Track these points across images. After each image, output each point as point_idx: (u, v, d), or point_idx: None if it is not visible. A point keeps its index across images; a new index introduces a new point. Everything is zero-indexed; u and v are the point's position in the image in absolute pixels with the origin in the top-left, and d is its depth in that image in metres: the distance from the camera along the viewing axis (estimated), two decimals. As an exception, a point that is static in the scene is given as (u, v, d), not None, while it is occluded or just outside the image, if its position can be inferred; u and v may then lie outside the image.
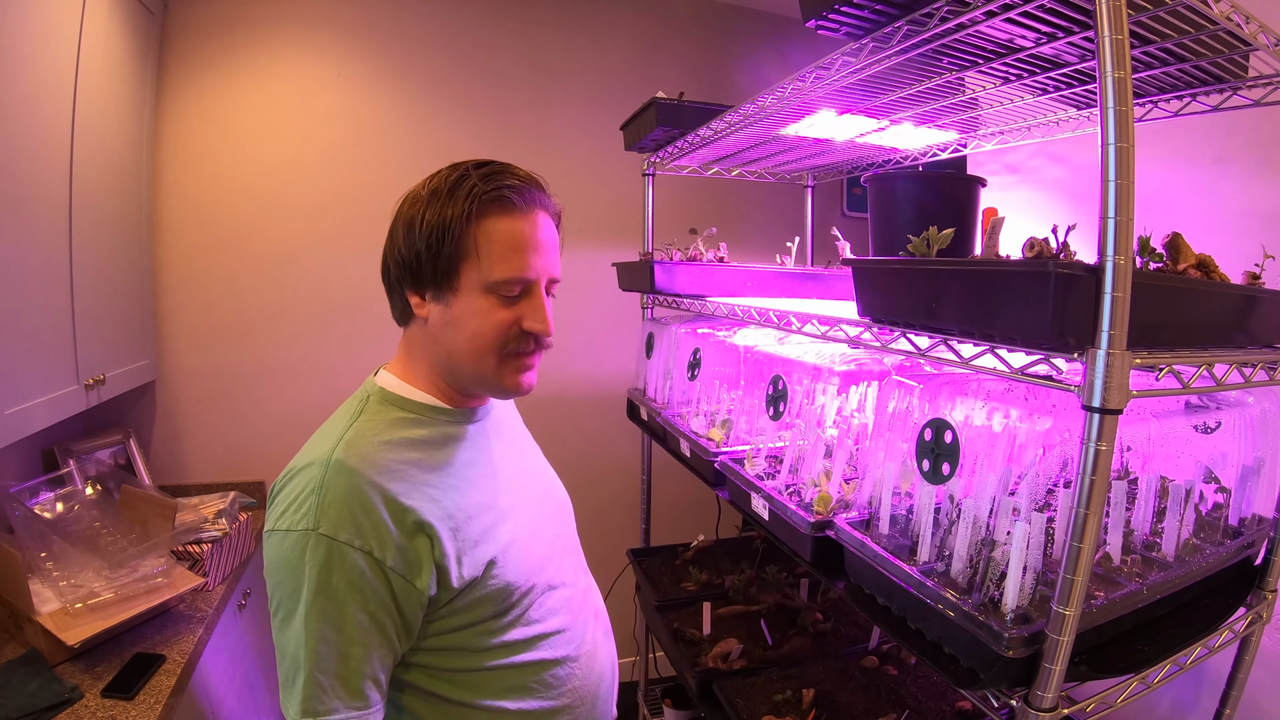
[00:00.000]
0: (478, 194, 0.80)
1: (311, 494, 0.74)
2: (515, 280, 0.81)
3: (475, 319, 0.82)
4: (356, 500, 0.74)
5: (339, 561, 0.72)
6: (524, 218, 0.83)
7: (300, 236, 2.26)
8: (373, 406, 0.86)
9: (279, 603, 0.75)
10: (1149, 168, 1.13)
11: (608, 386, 2.64)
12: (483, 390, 0.90)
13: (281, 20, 2.19)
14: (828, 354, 1.24)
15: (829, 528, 0.98)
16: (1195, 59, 0.94)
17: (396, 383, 0.88)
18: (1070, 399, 0.68)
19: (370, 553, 0.73)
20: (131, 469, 2.05)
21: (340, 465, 0.75)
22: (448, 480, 0.83)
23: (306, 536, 0.72)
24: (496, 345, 0.83)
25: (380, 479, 0.76)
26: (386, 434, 0.82)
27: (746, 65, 2.71)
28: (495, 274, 0.80)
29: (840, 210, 2.93)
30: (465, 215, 0.79)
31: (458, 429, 0.89)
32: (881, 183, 1.26)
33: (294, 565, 0.72)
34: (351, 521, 0.73)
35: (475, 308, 0.81)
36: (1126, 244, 0.60)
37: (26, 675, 1.25)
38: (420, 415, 0.87)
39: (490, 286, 0.81)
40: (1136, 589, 0.80)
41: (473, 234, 0.80)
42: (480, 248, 0.80)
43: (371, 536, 0.74)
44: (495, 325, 0.82)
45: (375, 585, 0.74)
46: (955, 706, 1.38)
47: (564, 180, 2.50)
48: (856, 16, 0.91)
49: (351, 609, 0.72)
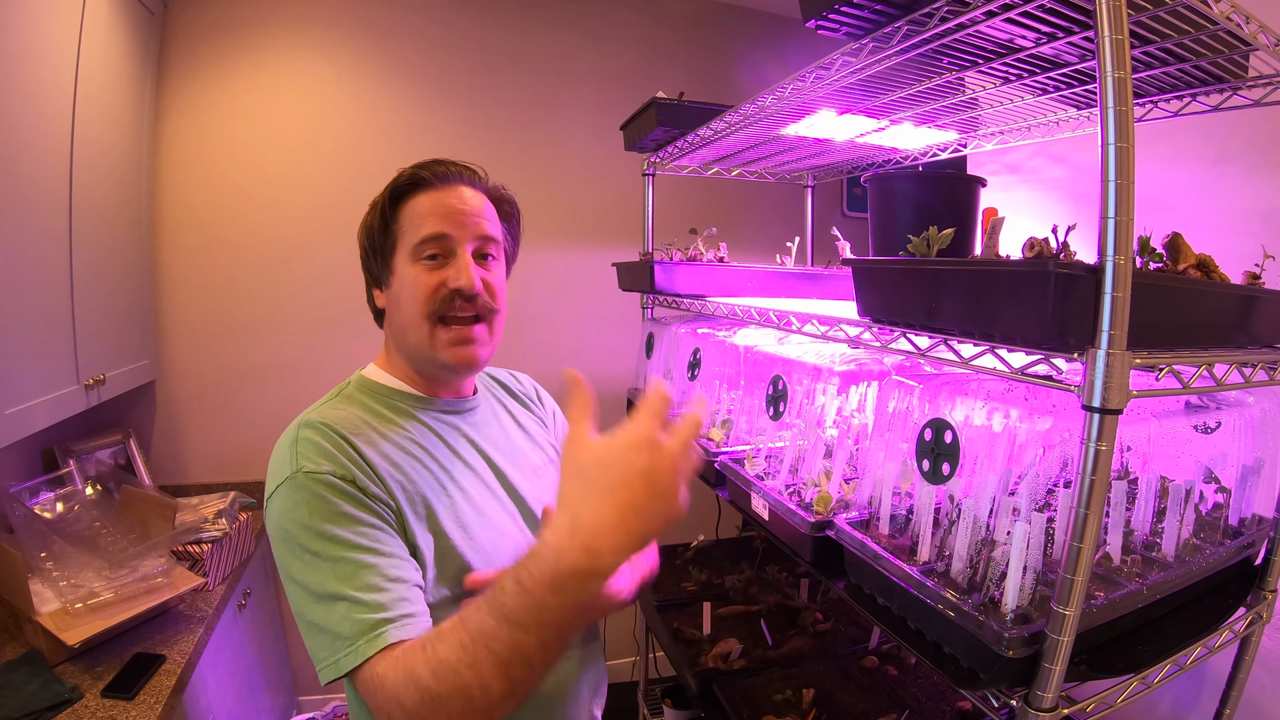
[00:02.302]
0: (397, 182, 0.89)
1: (288, 448, 0.79)
2: (429, 238, 0.86)
3: (406, 288, 0.87)
4: (329, 441, 0.79)
5: (325, 487, 0.75)
6: (439, 190, 0.89)
7: (300, 236, 2.26)
8: (349, 390, 0.92)
9: (286, 558, 0.74)
10: (1149, 168, 1.13)
11: (608, 386, 2.63)
12: (430, 368, 0.92)
13: (282, 21, 2.19)
14: (828, 354, 1.24)
15: (829, 528, 0.98)
16: (1195, 59, 0.94)
17: (377, 372, 0.94)
18: (1070, 399, 0.68)
19: (347, 478, 0.76)
20: (131, 469, 2.05)
21: (308, 422, 0.81)
22: (411, 457, 0.85)
23: (292, 480, 0.75)
24: (425, 310, 0.86)
25: (343, 429, 0.81)
26: (356, 408, 0.87)
27: (746, 65, 2.71)
28: (413, 238, 0.87)
29: (840, 210, 2.93)
30: (388, 202, 0.88)
31: (427, 413, 0.92)
32: (881, 183, 1.26)
33: (291, 509, 0.74)
34: (322, 454, 0.77)
35: (405, 278, 0.87)
36: (1126, 244, 0.60)
37: (26, 675, 1.25)
38: (392, 399, 0.91)
39: (412, 254, 0.87)
40: (1136, 589, 0.80)
41: (396, 217, 0.88)
42: (403, 227, 0.88)
43: (343, 464, 0.77)
44: (421, 288, 0.86)
45: (360, 503, 0.76)
46: (955, 706, 1.38)
47: (564, 180, 2.54)
48: (856, 16, 0.91)
49: (345, 526, 0.73)
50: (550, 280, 2.55)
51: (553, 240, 2.55)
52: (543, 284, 2.52)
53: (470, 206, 0.89)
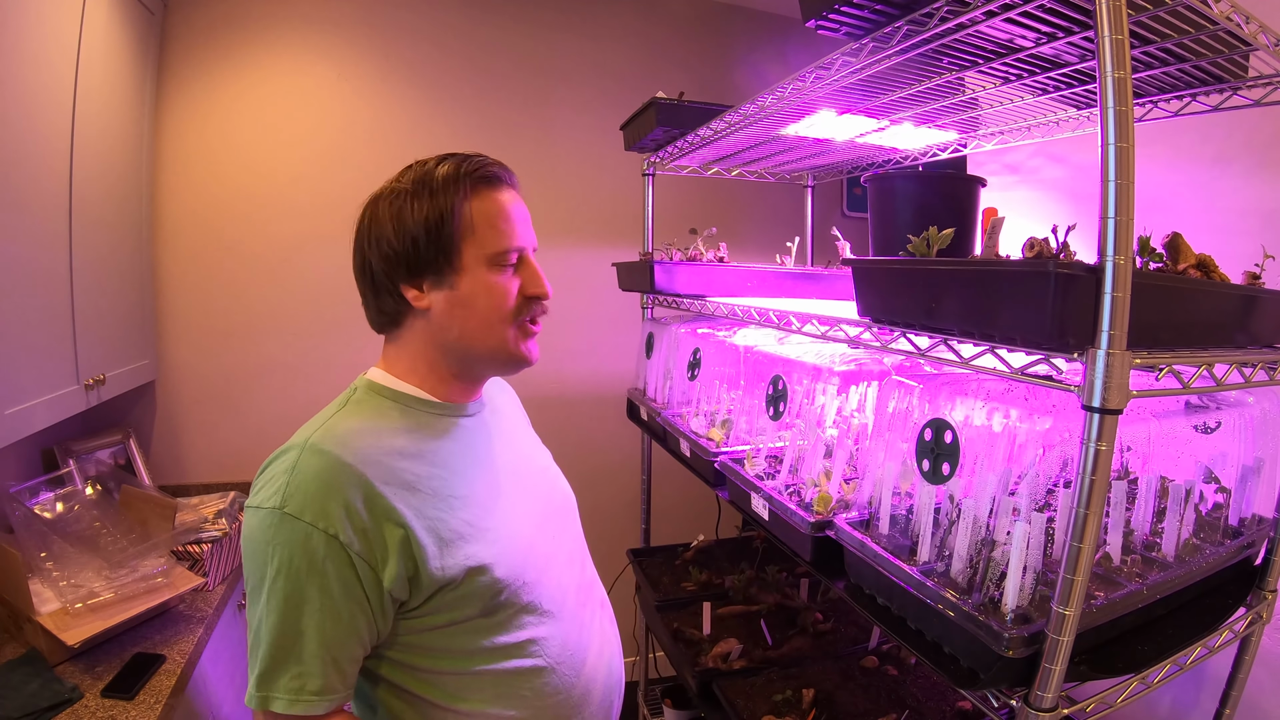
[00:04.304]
0: (467, 174, 0.84)
1: (284, 474, 0.75)
2: (513, 249, 0.86)
3: (487, 293, 0.85)
4: (325, 482, 0.74)
5: (302, 541, 0.72)
6: (507, 191, 0.88)
7: (300, 236, 2.26)
8: (359, 397, 0.87)
9: (248, 577, 0.76)
10: (1149, 168, 1.13)
11: (608, 386, 2.64)
12: (495, 367, 0.92)
13: (282, 20, 2.19)
14: (828, 354, 1.24)
15: (829, 528, 0.98)
16: (1195, 59, 0.94)
17: (386, 377, 0.89)
18: (1070, 399, 0.68)
19: (335, 536, 0.73)
20: (131, 469, 2.05)
21: (314, 448, 0.76)
22: (432, 470, 0.83)
23: (274, 515, 0.73)
24: (512, 314, 0.87)
25: (354, 462, 0.76)
26: (370, 421, 0.83)
27: (746, 65, 2.71)
28: (495, 245, 0.85)
29: (840, 210, 2.93)
30: (463, 195, 0.83)
31: (448, 421, 0.90)
32: (881, 183, 1.26)
33: (261, 543, 0.73)
34: (317, 503, 0.73)
35: (484, 282, 0.85)
36: (1126, 244, 0.60)
37: (26, 675, 1.25)
38: (408, 405, 0.87)
39: (492, 259, 0.85)
40: (1136, 589, 0.80)
41: (469, 212, 0.84)
42: (477, 224, 0.84)
43: (336, 519, 0.73)
44: (507, 295, 0.86)
45: (338, 568, 0.73)
46: (955, 706, 1.38)
47: (564, 180, 2.54)
48: (856, 16, 0.91)
49: (312, 590, 0.72)
50: (550, 280, 2.54)
51: (553, 240, 2.55)
52: (543, 284, 2.52)
53: (527, 212, 0.91)
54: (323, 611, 0.73)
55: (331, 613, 0.73)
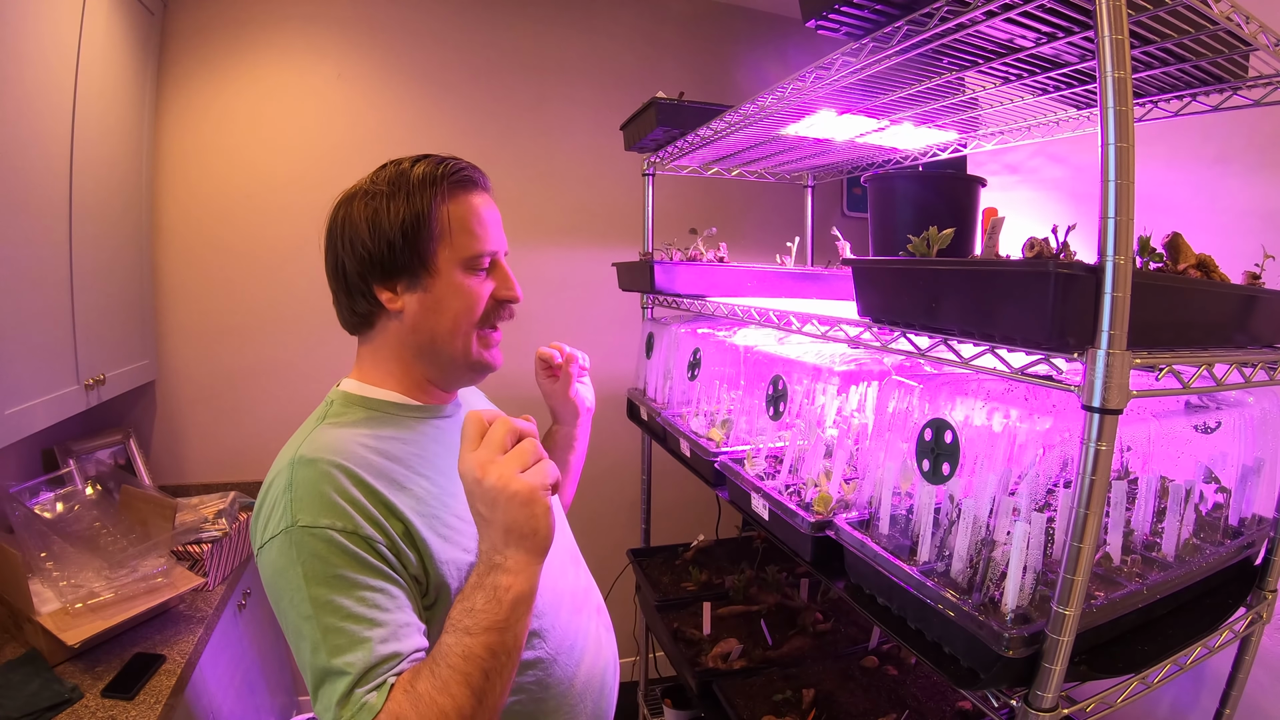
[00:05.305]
0: (444, 177, 0.84)
1: (283, 494, 0.73)
2: (487, 253, 0.87)
3: (458, 296, 0.85)
4: (326, 486, 0.73)
5: (323, 545, 0.70)
6: (481, 194, 0.89)
7: (300, 237, 2.25)
8: (336, 410, 0.86)
9: (285, 614, 0.72)
10: (1149, 168, 1.13)
11: (608, 386, 2.62)
12: (458, 373, 0.91)
13: (282, 20, 2.19)
14: (828, 354, 1.24)
15: (829, 528, 0.98)
16: (1195, 59, 0.94)
17: (361, 385, 0.89)
18: (1070, 399, 0.68)
19: (348, 530, 0.71)
20: (131, 469, 2.05)
21: (304, 460, 0.75)
22: (418, 470, 0.83)
23: (288, 535, 0.71)
24: (478, 319, 0.87)
25: (346, 463, 0.75)
26: (350, 430, 0.82)
27: (746, 65, 2.71)
28: (470, 249, 0.85)
29: (840, 210, 2.93)
30: (439, 198, 0.83)
31: (426, 423, 0.90)
32: (881, 183, 1.26)
33: (285, 566, 0.71)
34: (326, 506, 0.72)
35: (456, 286, 0.85)
36: (1126, 244, 0.60)
37: (26, 675, 1.25)
38: (387, 412, 0.87)
39: (467, 262, 0.85)
40: (1136, 589, 0.80)
41: (445, 215, 0.84)
42: (453, 228, 0.84)
43: (348, 515, 0.72)
44: (479, 298, 0.86)
45: (362, 554, 0.72)
46: (955, 706, 1.38)
47: (564, 180, 2.54)
48: (856, 16, 0.91)
49: (349, 582, 0.70)
50: (550, 280, 2.55)
51: (552, 240, 2.55)
52: (542, 284, 2.52)
53: (498, 215, 0.92)
54: (360, 605, 0.70)
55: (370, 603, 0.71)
